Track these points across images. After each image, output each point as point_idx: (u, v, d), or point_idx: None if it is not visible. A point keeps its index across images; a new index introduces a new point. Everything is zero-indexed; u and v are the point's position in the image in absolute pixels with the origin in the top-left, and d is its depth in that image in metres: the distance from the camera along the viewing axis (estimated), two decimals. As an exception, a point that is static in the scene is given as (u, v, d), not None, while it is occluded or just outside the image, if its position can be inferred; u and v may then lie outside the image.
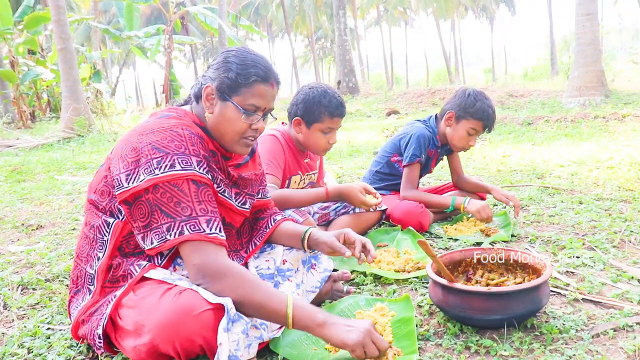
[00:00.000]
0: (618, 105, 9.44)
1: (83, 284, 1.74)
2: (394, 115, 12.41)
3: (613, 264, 2.34)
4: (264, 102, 1.69)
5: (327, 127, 2.62)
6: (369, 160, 5.89)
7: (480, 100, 3.01)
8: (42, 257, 2.89)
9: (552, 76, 24.58)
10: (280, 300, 1.50)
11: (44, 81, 15.48)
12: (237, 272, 1.53)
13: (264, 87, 1.68)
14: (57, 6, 10.34)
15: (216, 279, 1.51)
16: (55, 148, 8.91)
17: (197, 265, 1.52)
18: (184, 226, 1.52)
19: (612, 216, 3.06)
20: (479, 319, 1.75)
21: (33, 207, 4.34)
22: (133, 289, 1.59)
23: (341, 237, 1.89)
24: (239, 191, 1.83)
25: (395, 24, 48.20)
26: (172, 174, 1.54)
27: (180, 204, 1.53)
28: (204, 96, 1.70)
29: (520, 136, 7.24)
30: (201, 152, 1.62)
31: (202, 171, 1.59)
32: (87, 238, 1.73)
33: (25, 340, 1.88)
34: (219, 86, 1.67)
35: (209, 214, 1.56)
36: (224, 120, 1.68)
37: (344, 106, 2.68)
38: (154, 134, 1.59)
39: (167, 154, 1.55)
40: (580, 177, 4.26)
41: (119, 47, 31.46)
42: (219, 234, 1.55)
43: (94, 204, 1.72)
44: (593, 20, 10.39)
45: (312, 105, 2.61)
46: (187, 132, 1.62)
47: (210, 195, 1.60)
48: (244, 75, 1.65)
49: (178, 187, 1.54)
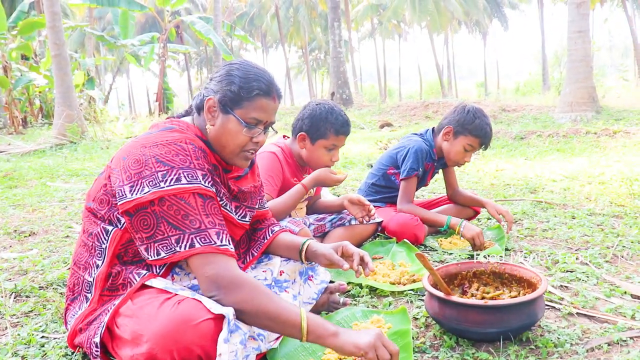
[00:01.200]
0: (609, 122, 9.54)
1: (80, 292, 1.72)
2: (387, 128, 12.47)
3: (606, 279, 2.36)
4: (265, 116, 1.69)
5: (332, 144, 2.64)
6: (363, 172, 5.91)
7: (479, 118, 3.04)
8: (35, 265, 2.87)
9: (543, 91, 24.79)
10: (294, 312, 1.50)
11: (37, 87, 15.45)
12: (251, 283, 1.53)
13: (266, 101, 1.69)
14: (53, 12, 10.34)
15: (231, 290, 1.51)
16: (47, 154, 8.87)
17: (211, 276, 1.52)
18: (194, 239, 1.52)
19: (604, 231, 3.09)
20: (475, 332, 1.76)
21: (25, 213, 4.32)
22: (132, 297, 1.58)
23: (339, 249, 1.89)
24: (239, 204, 1.84)
25: (389, 37, 48.53)
26: (179, 187, 1.54)
27: (189, 216, 1.53)
28: (206, 108, 1.70)
29: (513, 150, 7.30)
30: (205, 166, 1.63)
31: (207, 185, 1.60)
32: (86, 246, 1.72)
33: (19, 348, 1.87)
34: (221, 99, 1.68)
35: (217, 227, 1.56)
36: (225, 133, 1.69)
37: (350, 124, 2.70)
38: (157, 147, 1.59)
39: (172, 167, 1.55)
40: (573, 192, 4.30)
41: (112, 55, 31.46)
42: (229, 245, 1.56)
43: (92, 212, 1.71)
44: (585, 37, 10.51)
45: (318, 122, 2.63)
46: (191, 146, 1.62)
47: (216, 208, 1.61)
48: (246, 89, 1.66)
49: (185, 201, 1.54)
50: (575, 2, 10.44)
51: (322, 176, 2.65)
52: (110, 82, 27.48)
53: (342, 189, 4.95)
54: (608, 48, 59.34)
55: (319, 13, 39.85)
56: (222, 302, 1.50)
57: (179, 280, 1.70)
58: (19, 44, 14.72)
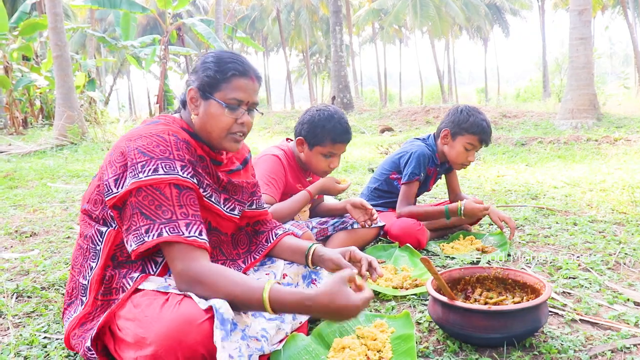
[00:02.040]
0: (610, 129, 9.55)
1: (77, 296, 1.74)
2: (388, 133, 12.47)
3: (609, 286, 2.36)
4: (245, 96, 1.70)
5: (329, 151, 2.64)
6: (364, 176, 5.91)
7: (473, 115, 3.05)
8: (36, 265, 2.86)
9: (544, 98, 24.84)
10: (258, 291, 1.49)
11: (38, 88, 15.44)
12: (213, 274, 1.53)
13: (244, 81, 1.70)
14: (55, 14, 10.35)
15: (193, 285, 1.53)
16: (48, 155, 8.86)
17: (178, 272, 1.54)
18: (163, 228, 1.53)
19: (606, 238, 3.09)
20: (478, 337, 1.76)
21: (26, 214, 4.31)
22: (131, 301, 1.58)
23: (347, 254, 1.89)
24: (228, 197, 1.83)
25: (390, 42, 48.61)
26: (155, 177, 1.56)
27: (162, 207, 1.55)
28: (188, 100, 1.74)
29: (514, 156, 7.30)
30: (186, 156, 1.64)
31: (185, 175, 1.61)
32: (81, 249, 1.74)
33: (21, 348, 1.87)
34: (200, 86, 1.70)
35: (189, 218, 1.57)
36: (209, 118, 1.70)
37: (349, 132, 2.67)
38: (141, 139, 1.62)
39: (151, 158, 1.58)
40: (574, 198, 4.30)
41: (113, 56, 31.46)
42: (198, 236, 1.55)
43: (88, 214, 1.73)
44: (586, 44, 10.53)
45: (316, 128, 2.63)
46: (172, 137, 1.64)
47: (192, 199, 1.61)
48: (222, 71, 1.69)
49: (160, 191, 1.56)
50: (577, 9, 10.47)
51: (327, 185, 2.67)
52: (111, 83, 27.52)
53: (344, 193, 4.94)
54: (609, 55, 59.52)
55: (320, 17, 39.94)
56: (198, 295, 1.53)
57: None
58: (20, 44, 14.73)
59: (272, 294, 1.46)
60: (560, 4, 31.11)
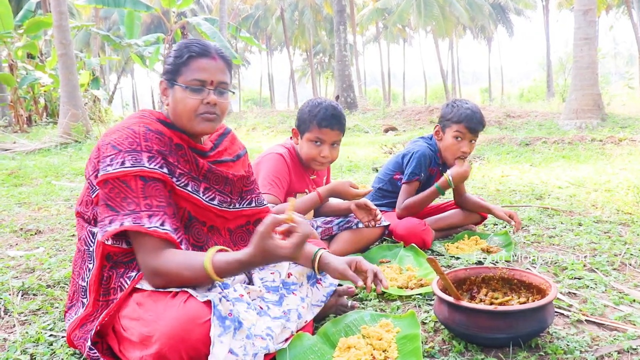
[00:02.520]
0: (614, 129, 9.52)
1: (78, 298, 1.76)
2: (392, 132, 12.46)
3: (615, 287, 2.35)
4: (207, 75, 1.70)
5: (316, 137, 2.63)
6: (368, 176, 5.91)
7: (457, 106, 3.10)
8: (42, 263, 2.87)
9: (547, 98, 24.80)
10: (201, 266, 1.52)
11: (42, 86, 15.47)
12: (166, 265, 1.55)
13: (204, 61, 1.71)
14: (60, 12, 10.37)
15: (152, 277, 1.57)
16: (52, 153, 8.88)
17: (140, 263, 1.58)
18: (125, 218, 1.55)
19: (611, 239, 3.08)
20: (484, 338, 1.75)
21: (31, 211, 4.33)
22: (134, 300, 1.59)
23: (353, 264, 1.88)
24: (209, 186, 1.82)
25: (394, 41, 48.56)
26: (122, 170, 1.58)
27: (127, 199, 1.57)
28: (160, 92, 1.77)
29: (518, 156, 7.28)
30: (154, 147, 1.65)
31: (152, 166, 1.62)
32: (79, 251, 1.78)
33: (27, 346, 1.87)
34: (165, 76, 1.74)
35: (152, 209, 1.58)
36: (177, 104, 1.72)
37: (337, 119, 2.64)
38: (114, 133, 1.66)
39: (119, 151, 1.60)
40: (579, 199, 4.29)
41: (118, 55, 31.51)
42: (159, 227, 1.56)
43: (81, 216, 1.76)
44: (591, 44, 10.50)
45: (303, 115, 2.66)
46: (143, 128, 1.66)
47: (158, 190, 1.62)
48: (179, 56, 1.71)
49: (126, 183, 1.58)
50: (582, 9, 10.44)
51: (339, 188, 2.64)
52: (115, 82, 27.53)
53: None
54: (613, 55, 59.35)
55: (324, 16, 39.90)
56: (155, 287, 1.59)
57: None
58: (25, 42, 14.76)
59: (215, 264, 1.51)
60: (564, 3, 31.03)
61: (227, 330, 1.47)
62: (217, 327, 1.45)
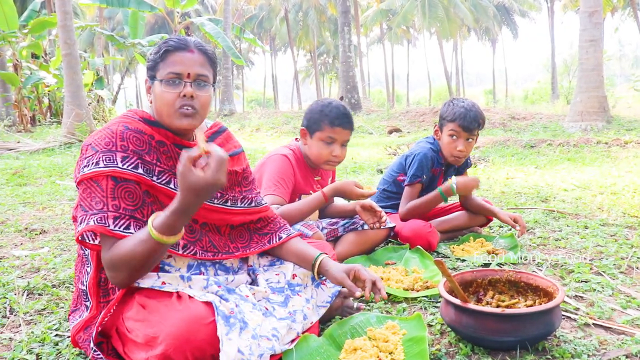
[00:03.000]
0: (620, 132, 9.49)
1: (81, 302, 1.78)
2: (396, 133, 12.45)
3: (622, 290, 2.34)
4: (183, 68, 1.69)
5: (328, 136, 2.62)
6: (373, 177, 5.91)
7: (453, 105, 3.11)
8: (47, 263, 2.87)
9: (552, 100, 24.74)
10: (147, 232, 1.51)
11: (46, 86, 15.51)
12: (119, 254, 1.54)
13: (179, 54, 1.70)
14: (64, 12, 10.38)
15: (113, 273, 1.57)
16: (56, 153, 8.90)
17: (103, 261, 1.58)
18: (92, 217, 1.55)
19: (618, 242, 3.06)
20: (491, 340, 1.74)
21: (35, 211, 4.33)
22: (137, 302, 1.59)
23: (351, 273, 1.86)
24: None
25: (398, 43, 48.54)
26: (95, 170, 1.58)
27: (95, 198, 1.58)
28: (146, 91, 1.77)
29: (523, 159, 7.26)
30: (130, 147, 1.64)
31: (125, 167, 1.61)
32: (79, 256, 1.79)
33: (33, 346, 1.87)
34: (147, 74, 1.74)
35: (119, 211, 1.58)
36: (156, 100, 1.72)
37: (348, 118, 2.67)
38: (96, 134, 1.66)
39: (96, 152, 1.61)
40: (585, 201, 4.27)
41: (121, 55, 31.55)
42: (123, 231, 1.56)
43: (75, 220, 1.75)
44: (597, 46, 10.47)
45: (314, 114, 2.65)
46: (121, 127, 1.66)
47: (128, 192, 1.61)
48: (156, 52, 1.71)
49: (97, 183, 1.58)
50: (588, 11, 10.41)
51: (344, 187, 2.62)
52: (119, 82, 27.56)
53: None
54: (618, 58, 59.21)
55: (328, 17, 39.92)
56: (116, 285, 1.61)
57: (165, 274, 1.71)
58: (29, 42, 14.78)
59: (156, 226, 1.49)
60: (569, 5, 30.95)
61: (232, 328, 1.47)
62: (223, 326, 1.45)
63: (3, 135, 11.38)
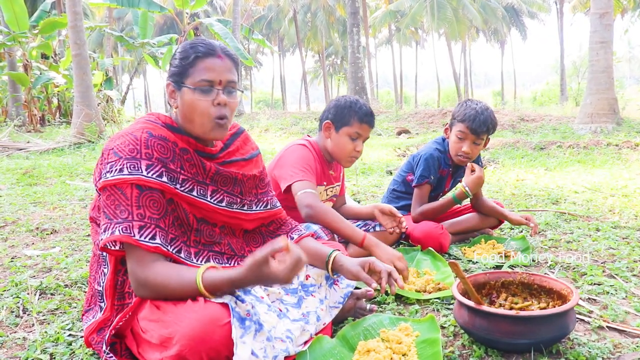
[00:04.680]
0: (630, 134, 9.42)
1: (95, 302, 1.77)
2: (405, 135, 12.43)
3: (635, 293, 2.32)
4: (215, 75, 1.67)
5: (355, 132, 2.63)
6: (382, 179, 5.90)
7: (465, 105, 3.08)
8: (58, 262, 2.89)
9: (561, 101, 24.62)
10: (193, 285, 1.52)
11: (56, 86, 15.59)
12: (154, 278, 1.54)
13: (210, 60, 1.67)
14: (75, 12, 10.44)
15: (139, 288, 1.57)
16: (66, 153, 8.95)
17: (129, 272, 1.58)
18: (117, 227, 1.54)
19: (630, 245, 3.04)
20: (505, 343, 1.73)
21: (46, 211, 4.35)
22: (152, 303, 1.59)
23: (366, 266, 1.86)
24: (216, 188, 1.79)
25: (407, 44, 48.45)
26: (119, 177, 1.57)
27: (120, 207, 1.56)
28: (168, 95, 1.74)
29: (533, 161, 7.23)
30: (155, 154, 1.62)
31: (150, 175, 1.59)
32: (95, 256, 1.79)
33: (47, 345, 1.88)
34: (172, 78, 1.70)
35: (144, 220, 1.56)
36: (186, 107, 1.68)
37: (374, 117, 2.71)
38: (119, 139, 1.64)
39: (120, 158, 1.59)
40: (596, 204, 4.24)
41: (131, 55, 31.71)
42: (149, 242, 1.55)
43: (94, 221, 1.77)
44: (607, 48, 10.41)
45: (342, 110, 2.66)
46: (145, 134, 1.64)
47: (153, 201, 1.60)
48: (185, 57, 1.68)
49: (122, 191, 1.57)
50: (598, 13, 10.35)
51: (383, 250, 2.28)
52: (128, 82, 27.69)
53: (362, 195, 4.93)
54: (627, 59, 58.81)
55: (336, 18, 39.91)
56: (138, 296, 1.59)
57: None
58: (39, 43, 14.89)
59: (205, 280, 1.50)
60: (579, 7, 30.79)
61: (247, 330, 1.47)
62: (238, 329, 1.45)
63: (13, 135, 11.45)
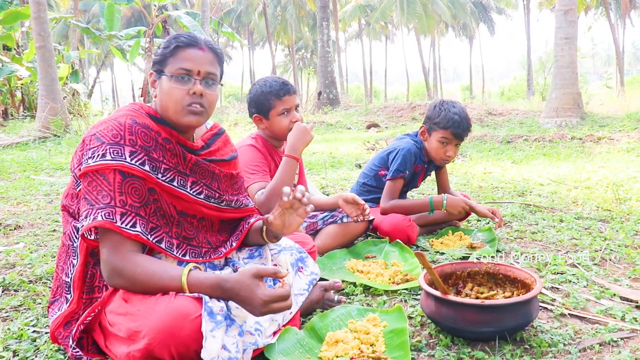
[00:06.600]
0: (593, 128, 9.65)
1: (61, 293, 1.74)
2: (374, 128, 12.50)
3: (596, 281, 2.39)
4: (193, 65, 1.69)
5: (282, 108, 2.62)
6: (351, 172, 5.92)
7: (445, 110, 3.09)
8: (22, 258, 2.83)
9: (528, 96, 25.05)
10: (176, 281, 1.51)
11: (19, 79, 15.18)
12: (132, 267, 1.54)
13: (191, 51, 1.70)
14: (38, 3, 10.19)
15: (113, 277, 1.56)
16: (30, 147, 8.74)
17: (103, 260, 1.56)
18: (99, 212, 1.53)
19: (592, 235, 3.13)
20: (471, 331, 1.77)
21: (10, 206, 4.25)
22: (120, 296, 1.57)
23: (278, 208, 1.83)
24: (196, 180, 1.79)
25: (376, 38, 48.62)
26: (102, 163, 1.56)
27: (102, 192, 1.55)
28: (150, 85, 1.75)
29: (500, 154, 7.35)
30: (138, 141, 1.62)
31: (133, 163, 1.59)
32: (64, 246, 1.75)
33: (10, 342, 1.84)
34: (154, 67, 1.72)
35: (126, 207, 1.56)
36: (163, 95, 1.70)
37: (288, 84, 2.66)
38: (101, 125, 1.63)
39: (102, 143, 1.58)
40: (560, 195, 4.34)
41: (97, 48, 31.06)
42: (130, 228, 1.55)
43: (66, 210, 1.75)
44: (571, 44, 10.62)
45: (258, 98, 2.64)
46: (129, 120, 1.64)
47: (135, 189, 1.60)
48: (166, 47, 1.70)
49: (104, 176, 1.56)
50: (563, 9, 10.55)
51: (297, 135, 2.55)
52: (95, 75, 27.14)
53: (331, 188, 4.95)
54: (591, 55, 60.17)
55: (307, 12, 39.77)
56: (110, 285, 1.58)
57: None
58: (1, 34, 14.46)
59: (190, 280, 1.51)
60: (545, 3, 31.36)
61: (219, 325, 1.45)
62: (209, 323, 1.43)
63: (-25, 129, 11.14)
